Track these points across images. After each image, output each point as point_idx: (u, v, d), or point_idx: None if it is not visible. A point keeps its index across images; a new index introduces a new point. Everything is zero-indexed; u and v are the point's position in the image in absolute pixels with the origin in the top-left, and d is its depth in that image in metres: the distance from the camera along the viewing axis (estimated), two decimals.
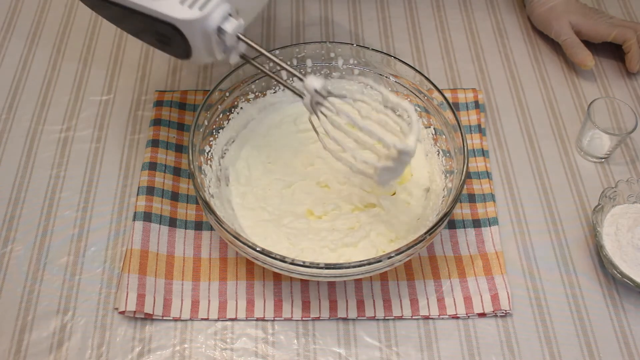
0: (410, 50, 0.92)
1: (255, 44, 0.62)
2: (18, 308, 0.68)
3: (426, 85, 0.73)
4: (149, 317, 0.67)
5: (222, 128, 0.74)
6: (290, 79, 0.75)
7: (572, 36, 0.88)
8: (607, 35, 0.87)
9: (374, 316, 0.68)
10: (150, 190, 0.74)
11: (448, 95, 0.84)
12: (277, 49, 0.75)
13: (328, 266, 0.60)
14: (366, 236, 0.69)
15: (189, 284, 0.69)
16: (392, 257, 0.60)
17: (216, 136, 0.73)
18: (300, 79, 0.61)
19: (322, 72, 0.79)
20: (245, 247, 0.61)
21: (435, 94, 0.72)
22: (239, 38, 0.61)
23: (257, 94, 0.77)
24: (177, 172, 0.77)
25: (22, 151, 0.80)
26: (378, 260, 0.60)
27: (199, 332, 0.67)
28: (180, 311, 0.67)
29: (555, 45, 0.92)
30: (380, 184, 0.62)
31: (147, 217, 0.72)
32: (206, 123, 0.71)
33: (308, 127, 0.78)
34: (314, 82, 0.60)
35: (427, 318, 0.68)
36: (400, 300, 0.68)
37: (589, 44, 0.88)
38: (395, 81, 0.76)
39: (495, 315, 0.68)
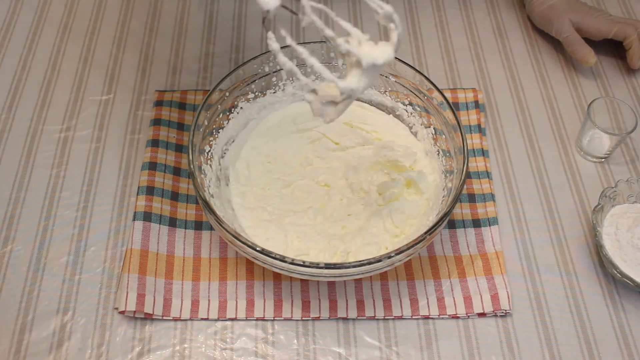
0: (410, 50, 0.91)
1: None
2: (18, 308, 0.68)
3: (426, 85, 0.73)
4: (148, 317, 0.67)
5: (222, 128, 0.74)
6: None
7: (573, 33, 0.87)
8: (608, 32, 0.87)
9: (374, 316, 0.68)
10: (150, 190, 0.74)
11: (448, 95, 0.84)
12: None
13: (328, 266, 0.60)
14: (369, 233, 0.69)
15: (188, 284, 0.69)
16: (392, 257, 0.60)
17: (216, 136, 0.73)
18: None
19: None
20: (245, 246, 0.61)
21: (435, 93, 0.72)
22: None
23: (256, 93, 0.77)
24: (177, 172, 0.77)
25: (22, 151, 0.80)
26: (378, 260, 0.60)
27: (199, 332, 0.67)
28: (180, 311, 0.67)
29: (555, 45, 0.92)
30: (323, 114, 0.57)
31: (147, 217, 0.72)
32: (206, 123, 0.71)
33: (307, 127, 0.78)
34: None
35: (427, 318, 0.68)
36: (400, 300, 0.68)
37: (588, 41, 0.88)
38: (395, 81, 0.76)
39: (495, 315, 0.68)
